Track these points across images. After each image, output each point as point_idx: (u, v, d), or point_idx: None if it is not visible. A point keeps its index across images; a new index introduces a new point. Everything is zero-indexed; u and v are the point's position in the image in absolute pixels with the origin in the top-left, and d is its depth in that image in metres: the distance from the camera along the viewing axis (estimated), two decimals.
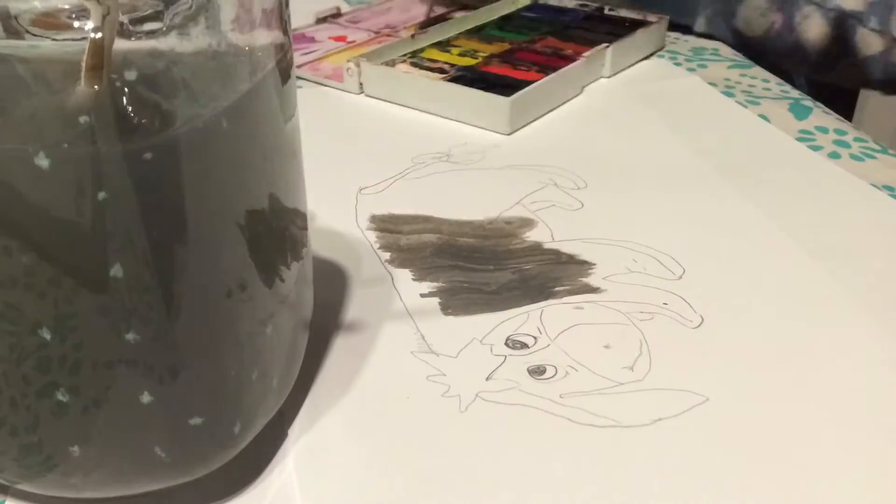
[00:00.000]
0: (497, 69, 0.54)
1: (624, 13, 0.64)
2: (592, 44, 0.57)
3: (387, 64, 0.54)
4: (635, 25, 0.61)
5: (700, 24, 0.50)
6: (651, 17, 0.62)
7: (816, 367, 0.31)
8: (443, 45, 0.59)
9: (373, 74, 0.53)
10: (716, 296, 0.34)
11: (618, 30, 0.61)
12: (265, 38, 0.24)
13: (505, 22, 0.65)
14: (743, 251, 0.37)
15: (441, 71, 0.54)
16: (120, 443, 0.23)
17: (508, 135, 0.48)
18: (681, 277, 0.36)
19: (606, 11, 0.66)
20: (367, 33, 0.64)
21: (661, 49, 0.62)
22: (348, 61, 0.54)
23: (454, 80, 0.51)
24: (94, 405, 0.22)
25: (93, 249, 0.21)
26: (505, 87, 0.50)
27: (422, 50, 0.58)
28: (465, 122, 0.50)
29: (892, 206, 0.41)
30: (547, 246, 0.38)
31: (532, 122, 0.50)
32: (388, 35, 0.63)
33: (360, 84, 0.54)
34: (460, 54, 0.57)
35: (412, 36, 0.58)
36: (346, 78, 0.54)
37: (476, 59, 0.56)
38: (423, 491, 0.26)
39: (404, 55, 0.56)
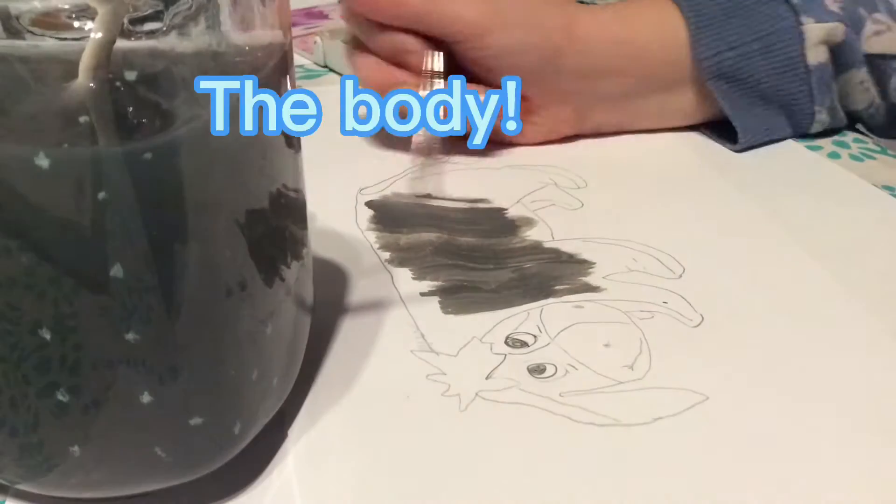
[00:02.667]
0: None
1: None
2: None
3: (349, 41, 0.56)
4: None
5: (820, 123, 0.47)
6: None
7: (816, 366, 0.31)
8: None
9: (331, 48, 0.56)
10: (716, 295, 0.34)
11: None
12: (265, 38, 0.24)
13: None
14: (743, 250, 0.37)
15: None
16: (120, 443, 0.23)
17: None
18: (681, 276, 0.36)
19: None
20: None
21: None
22: (317, 35, 0.57)
23: None
24: (94, 405, 0.22)
25: (93, 249, 0.21)
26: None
27: None
28: None
29: (892, 206, 0.41)
30: (547, 245, 0.38)
31: None
32: None
33: (324, 56, 0.57)
34: None
35: None
36: (314, 50, 0.58)
37: None
38: (423, 490, 0.26)
39: None
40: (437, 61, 0.41)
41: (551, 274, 0.36)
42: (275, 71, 0.24)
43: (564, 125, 0.46)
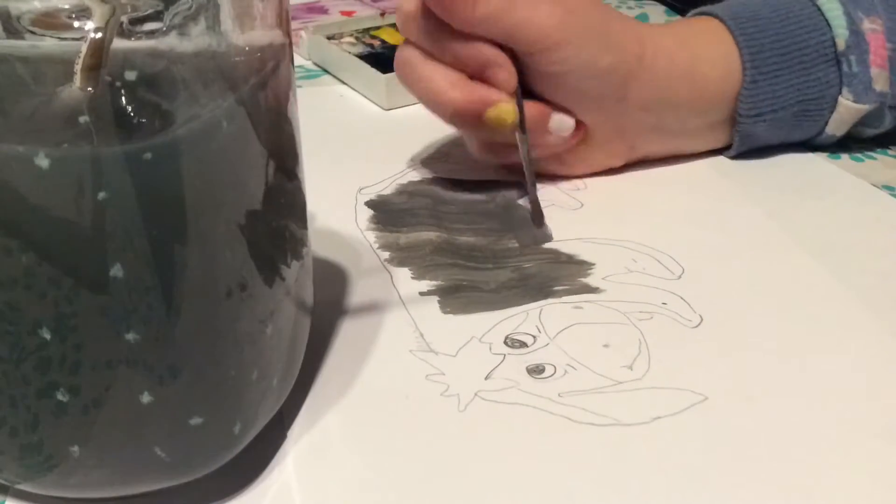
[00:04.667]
0: None
1: None
2: None
3: (333, 37, 0.57)
4: None
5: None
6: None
7: (815, 366, 0.31)
8: None
9: (312, 43, 0.57)
10: (715, 295, 0.34)
11: None
12: (265, 38, 0.24)
13: None
14: (742, 251, 0.37)
15: (371, 47, 0.55)
16: (120, 443, 0.23)
17: (387, 110, 0.51)
18: (680, 277, 0.36)
19: None
20: (374, 9, 0.65)
21: None
22: (303, 31, 0.58)
23: (369, 55, 0.54)
24: (94, 405, 0.22)
25: (93, 249, 0.21)
26: None
27: (377, 28, 0.59)
28: (360, 93, 0.53)
29: (892, 206, 0.41)
30: (546, 245, 0.38)
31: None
32: (394, 12, 0.63)
33: (308, 51, 0.58)
34: None
35: (381, 14, 0.61)
36: (300, 44, 0.58)
37: None
38: (422, 490, 0.26)
39: (358, 30, 0.58)
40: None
41: (550, 274, 0.36)
42: (275, 71, 0.24)
43: (616, 158, 0.43)
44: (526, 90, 0.39)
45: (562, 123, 0.39)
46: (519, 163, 0.40)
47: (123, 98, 0.21)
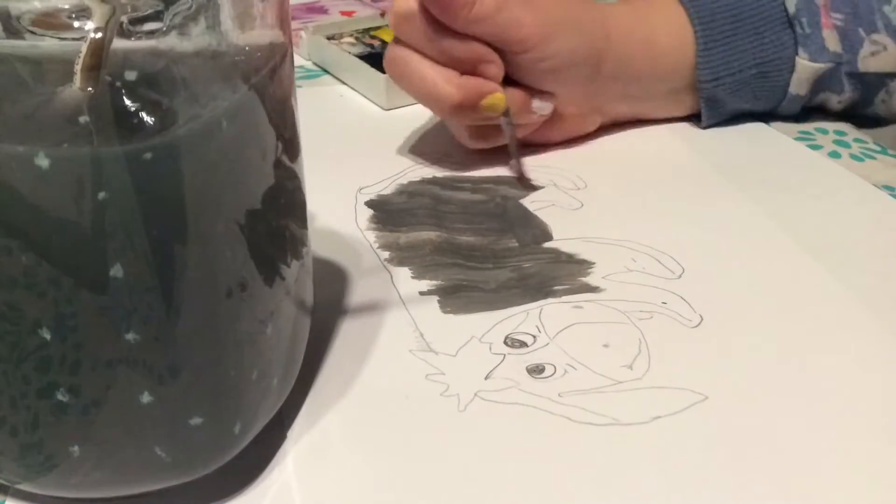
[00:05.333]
0: None
1: None
2: None
3: (333, 37, 0.57)
4: None
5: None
6: None
7: (815, 366, 0.31)
8: None
9: (312, 43, 0.58)
10: (715, 295, 0.34)
11: None
12: (265, 37, 0.24)
13: None
14: (742, 251, 0.37)
15: (371, 47, 0.55)
16: (120, 443, 0.23)
17: (386, 110, 0.51)
18: (680, 277, 0.36)
19: None
20: (374, 9, 0.65)
21: None
22: (303, 31, 0.58)
23: (368, 55, 0.54)
24: (94, 405, 0.22)
25: (93, 249, 0.21)
26: None
27: (377, 28, 0.59)
28: (360, 93, 0.53)
29: (892, 206, 0.41)
30: (546, 245, 0.38)
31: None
32: None
33: (308, 50, 0.58)
34: None
35: (381, 14, 0.61)
36: (300, 44, 0.59)
37: None
38: (422, 490, 0.26)
39: (358, 30, 0.58)
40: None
41: (550, 274, 0.36)
42: (274, 71, 0.24)
43: (589, 124, 0.47)
44: (507, 78, 0.42)
45: (542, 107, 0.43)
46: (505, 143, 0.44)
47: (123, 98, 0.21)
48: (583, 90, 0.44)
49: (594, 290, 0.35)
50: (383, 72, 0.51)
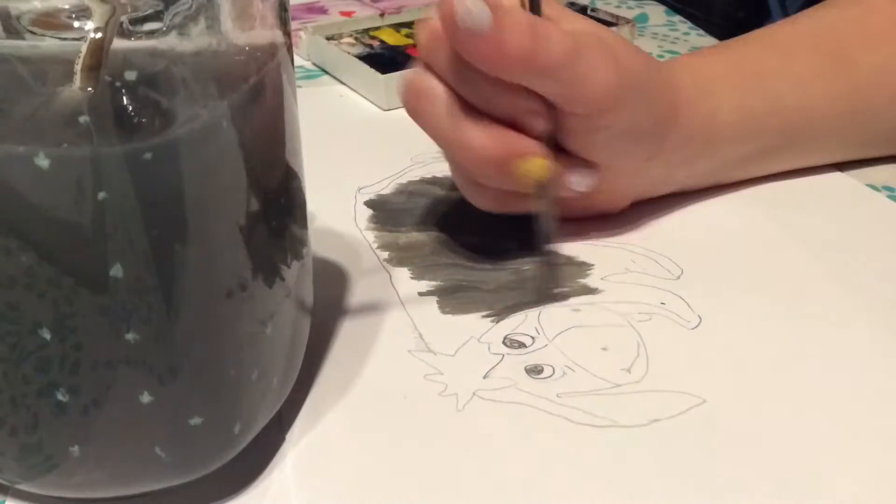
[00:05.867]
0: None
1: (602, 14, 0.63)
2: None
3: (333, 37, 0.57)
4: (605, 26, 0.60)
5: None
6: (621, 20, 0.61)
7: (815, 367, 0.31)
8: (400, 27, 0.60)
9: (311, 43, 0.58)
10: (714, 296, 0.35)
11: None
12: (265, 37, 0.24)
13: None
14: (741, 252, 0.37)
15: (370, 47, 0.56)
16: (120, 443, 0.23)
17: (386, 110, 0.51)
18: (679, 278, 0.36)
19: (588, 12, 0.65)
20: (373, 10, 0.65)
21: None
22: (302, 31, 0.58)
23: (368, 56, 0.54)
24: (94, 405, 0.22)
25: (93, 249, 0.21)
26: (407, 67, 0.50)
27: (376, 28, 0.59)
28: (360, 93, 0.53)
29: (892, 207, 0.41)
30: (545, 247, 0.38)
31: None
32: (394, 13, 0.63)
33: (308, 51, 0.58)
34: (407, 36, 0.58)
35: (381, 15, 0.61)
36: (299, 45, 0.58)
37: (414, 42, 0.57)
38: (420, 490, 0.26)
39: (357, 31, 0.58)
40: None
41: (550, 275, 0.36)
42: (275, 71, 0.24)
43: (616, 206, 0.39)
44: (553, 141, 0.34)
45: (580, 183, 0.34)
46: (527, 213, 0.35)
47: (123, 98, 0.21)
48: (634, 170, 0.36)
49: (593, 291, 0.35)
50: (383, 72, 0.51)
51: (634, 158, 0.36)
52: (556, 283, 0.35)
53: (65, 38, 0.20)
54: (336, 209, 0.40)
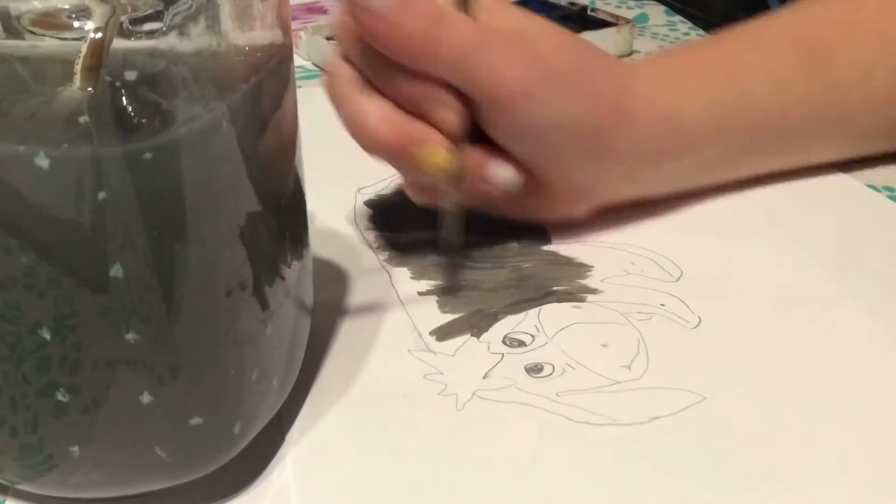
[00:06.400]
0: None
1: (602, 14, 0.63)
2: None
3: (332, 37, 0.57)
4: (605, 26, 0.60)
5: None
6: (621, 20, 0.61)
7: (814, 367, 0.31)
8: None
9: (311, 43, 0.58)
10: (714, 296, 0.35)
11: (585, 29, 0.60)
12: (265, 37, 0.24)
13: None
14: (741, 252, 0.37)
15: None
16: (120, 443, 0.23)
17: None
18: (679, 279, 0.36)
19: (588, 12, 0.65)
20: None
21: (628, 53, 0.60)
22: (302, 31, 0.58)
23: None
24: (94, 405, 0.22)
25: (93, 249, 0.21)
26: None
27: None
28: None
29: (892, 207, 0.41)
30: (545, 248, 0.38)
31: None
32: None
33: (307, 51, 0.59)
34: None
35: None
36: (299, 45, 0.59)
37: None
38: (420, 490, 0.26)
39: None
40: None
41: (549, 276, 0.36)
42: (274, 71, 0.24)
43: (580, 208, 0.38)
44: (475, 131, 0.33)
45: (504, 175, 0.33)
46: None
47: (123, 98, 0.21)
48: (574, 170, 0.35)
49: (593, 292, 0.35)
50: None
51: (572, 154, 0.34)
52: (457, 282, 0.34)
53: (65, 38, 0.20)
54: (336, 209, 0.40)
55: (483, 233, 0.39)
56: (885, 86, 0.40)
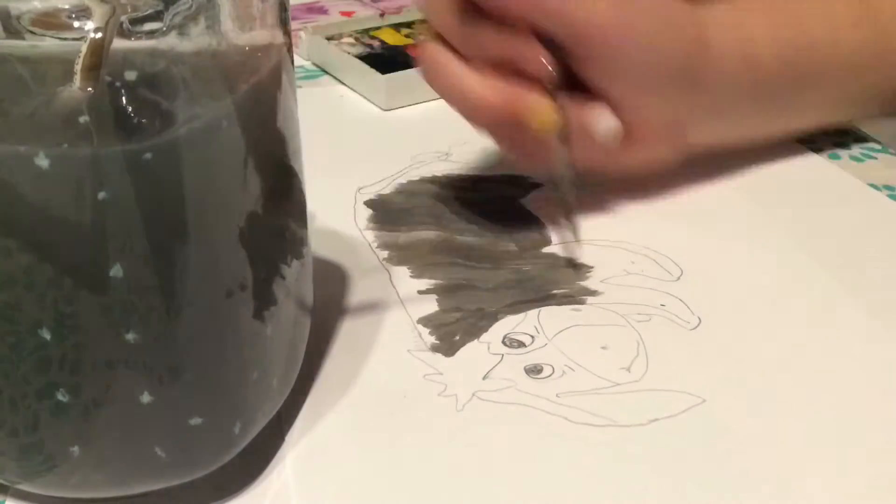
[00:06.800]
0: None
1: None
2: None
3: (333, 37, 0.57)
4: None
5: None
6: None
7: (814, 367, 0.31)
8: (400, 27, 0.60)
9: (311, 43, 0.57)
10: (714, 297, 0.35)
11: None
12: (265, 38, 0.24)
13: None
14: (741, 252, 0.37)
15: (370, 47, 0.55)
16: (120, 443, 0.23)
17: (386, 110, 0.50)
18: (679, 279, 0.36)
19: None
20: (373, 10, 0.64)
21: None
22: (302, 31, 0.58)
23: (368, 56, 0.53)
24: (94, 405, 0.22)
25: (93, 249, 0.21)
26: (407, 67, 0.51)
27: (376, 28, 0.59)
28: (360, 93, 0.53)
29: (892, 207, 0.41)
30: (545, 249, 0.38)
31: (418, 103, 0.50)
32: (394, 13, 0.63)
33: (308, 51, 0.58)
34: (407, 36, 0.58)
35: (381, 15, 0.61)
36: (299, 45, 0.58)
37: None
38: (419, 490, 0.26)
39: (357, 31, 0.58)
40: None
41: (549, 277, 0.36)
42: (275, 71, 0.24)
43: (674, 152, 0.38)
44: (572, 80, 0.33)
45: (608, 124, 0.34)
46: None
47: (123, 98, 0.21)
48: (666, 104, 0.35)
49: (593, 293, 0.35)
50: (383, 72, 0.51)
51: (663, 87, 0.35)
52: (579, 244, 0.35)
53: (65, 38, 0.20)
54: (336, 209, 0.40)
55: (482, 232, 0.39)
56: None
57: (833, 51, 0.40)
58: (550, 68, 0.32)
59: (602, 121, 0.34)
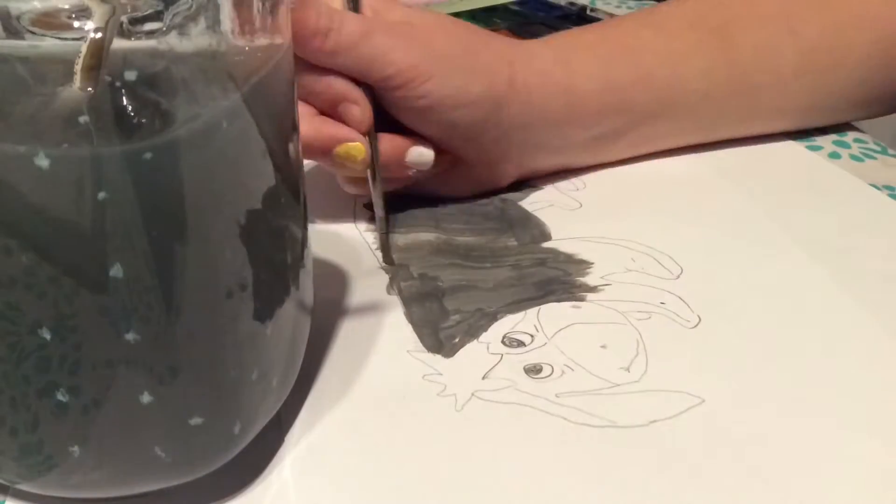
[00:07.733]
0: None
1: (601, 14, 0.63)
2: None
3: None
4: None
5: None
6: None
7: (814, 367, 0.31)
8: None
9: None
10: (713, 295, 0.35)
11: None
12: (265, 38, 0.24)
13: (485, 12, 0.65)
14: (742, 251, 0.37)
15: None
16: (120, 443, 0.23)
17: None
18: (678, 277, 0.36)
19: (588, 12, 0.65)
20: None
21: None
22: None
23: None
24: (94, 405, 0.22)
25: (93, 249, 0.21)
26: None
27: None
28: None
29: (892, 206, 0.41)
30: (545, 245, 0.38)
31: None
32: None
33: None
34: None
35: None
36: None
37: None
38: (419, 490, 0.26)
39: None
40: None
41: (549, 274, 0.36)
42: (275, 71, 0.24)
43: (502, 178, 0.41)
44: (389, 121, 0.37)
45: (420, 156, 0.37)
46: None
47: (123, 98, 0.21)
48: (482, 139, 0.38)
49: (593, 289, 0.35)
50: None
51: (475, 127, 0.38)
52: (389, 259, 0.37)
53: (65, 38, 0.20)
54: (336, 209, 0.40)
55: (482, 232, 0.39)
56: (790, 64, 0.43)
57: (677, 83, 0.41)
58: (360, 110, 0.35)
59: (414, 154, 0.37)
